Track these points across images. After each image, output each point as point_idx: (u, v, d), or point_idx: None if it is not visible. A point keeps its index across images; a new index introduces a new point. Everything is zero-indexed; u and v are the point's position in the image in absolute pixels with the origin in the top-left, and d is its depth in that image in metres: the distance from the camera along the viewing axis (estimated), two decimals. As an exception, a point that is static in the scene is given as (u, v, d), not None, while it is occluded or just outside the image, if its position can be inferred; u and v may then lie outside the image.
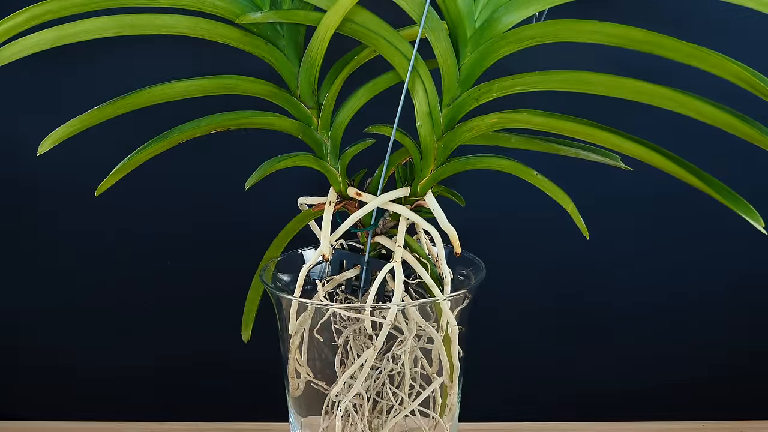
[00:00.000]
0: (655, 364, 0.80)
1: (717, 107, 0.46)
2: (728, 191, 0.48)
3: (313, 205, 0.59)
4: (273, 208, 0.74)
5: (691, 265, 0.77)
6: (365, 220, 0.58)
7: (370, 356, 0.54)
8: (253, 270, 0.63)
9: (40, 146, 0.53)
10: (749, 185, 0.55)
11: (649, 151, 0.49)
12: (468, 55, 0.52)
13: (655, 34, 0.46)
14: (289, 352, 0.58)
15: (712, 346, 0.80)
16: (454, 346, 0.57)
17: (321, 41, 0.52)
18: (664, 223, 0.76)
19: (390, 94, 0.55)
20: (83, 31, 0.52)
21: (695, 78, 0.50)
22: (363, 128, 0.57)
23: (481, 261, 0.59)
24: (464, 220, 0.60)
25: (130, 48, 0.71)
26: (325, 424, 0.57)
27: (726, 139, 0.49)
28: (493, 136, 0.55)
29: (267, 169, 0.58)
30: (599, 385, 0.81)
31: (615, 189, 0.75)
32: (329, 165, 0.57)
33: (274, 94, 0.55)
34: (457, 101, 0.53)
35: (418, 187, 0.56)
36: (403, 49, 0.52)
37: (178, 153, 0.58)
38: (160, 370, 0.81)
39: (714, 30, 0.70)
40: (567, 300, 0.79)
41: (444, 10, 0.51)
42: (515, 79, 0.51)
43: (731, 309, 0.78)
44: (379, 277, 0.55)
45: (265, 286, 0.57)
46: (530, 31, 0.50)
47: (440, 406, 0.58)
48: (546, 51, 0.54)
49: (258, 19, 0.52)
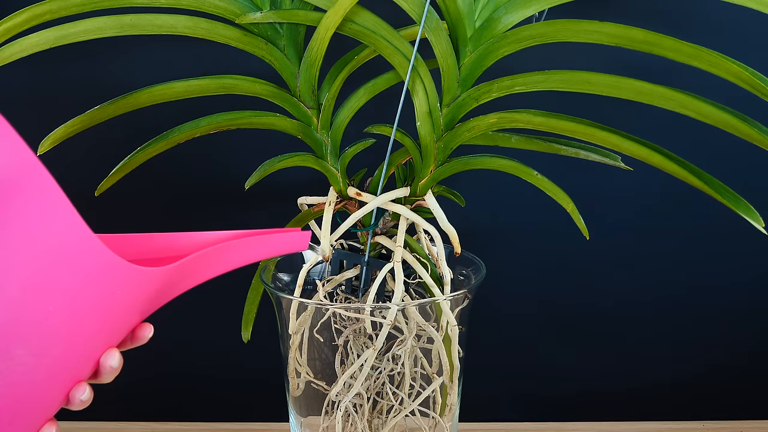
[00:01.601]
0: (655, 364, 0.80)
1: (717, 107, 0.46)
2: (728, 191, 0.48)
3: (313, 205, 0.59)
4: (273, 208, 0.74)
5: (691, 265, 0.77)
6: (365, 220, 0.58)
7: (370, 356, 0.54)
8: (252, 270, 0.63)
9: (39, 146, 0.53)
10: (749, 185, 0.55)
11: (649, 150, 0.49)
12: (468, 55, 0.52)
13: (656, 34, 0.46)
14: (289, 352, 0.58)
15: (712, 346, 0.80)
16: (454, 346, 0.57)
17: (321, 41, 0.52)
18: (664, 223, 0.76)
19: (390, 94, 0.55)
20: (83, 31, 0.52)
21: (696, 78, 0.50)
22: (363, 128, 0.57)
23: (481, 261, 0.59)
24: (464, 220, 0.60)
25: (130, 48, 0.71)
26: (325, 424, 0.57)
27: (726, 139, 0.49)
28: (493, 136, 0.55)
29: (267, 168, 0.58)
30: (599, 385, 0.81)
31: (615, 189, 0.75)
32: (329, 165, 0.57)
33: (274, 94, 0.56)
34: (457, 101, 0.53)
35: (418, 187, 0.56)
36: (403, 49, 0.52)
37: (178, 153, 0.58)
38: (160, 370, 0.81)
39: (714, 30, 0.70)
40: (567, 300, 0.79)
41: (444, 10, 0.51)
42: (515, 79, 0.51)
43: (731, 309, 0.78)
44: (379, 277, 0.55)
45: (265, 285, 0.57)
46: (530, 31, 0.50)
47: (440, 406, 0.58)
48: (546, 51, 0.54)
49: (258, 19, 0.52)
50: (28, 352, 0.37)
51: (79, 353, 0.39)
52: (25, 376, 0.37)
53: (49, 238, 0.35)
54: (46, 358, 0.37)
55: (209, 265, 0.44)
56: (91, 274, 0.37)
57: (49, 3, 0.51)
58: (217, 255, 0.44)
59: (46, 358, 0.37)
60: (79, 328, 0.38)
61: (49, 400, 0.40)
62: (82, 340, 0.39)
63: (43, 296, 0.36)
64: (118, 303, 0.39)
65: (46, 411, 0.40)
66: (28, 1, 0.51)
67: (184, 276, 0.43)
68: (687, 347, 0.80)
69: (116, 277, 0.38)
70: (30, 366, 0.37)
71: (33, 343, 0.37)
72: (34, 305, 0.36)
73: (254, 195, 0.61)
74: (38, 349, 0.37)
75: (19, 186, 0.34)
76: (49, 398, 0.40)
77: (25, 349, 0.36)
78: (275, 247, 0.47)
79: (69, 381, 0.40)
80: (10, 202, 0.34)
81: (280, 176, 0.61)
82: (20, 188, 0.34)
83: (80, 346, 0.39)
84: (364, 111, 0.56)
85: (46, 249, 0.35)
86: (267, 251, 0.47)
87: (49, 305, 0.36)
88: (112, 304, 0.39)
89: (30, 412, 0.39)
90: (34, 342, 0.37)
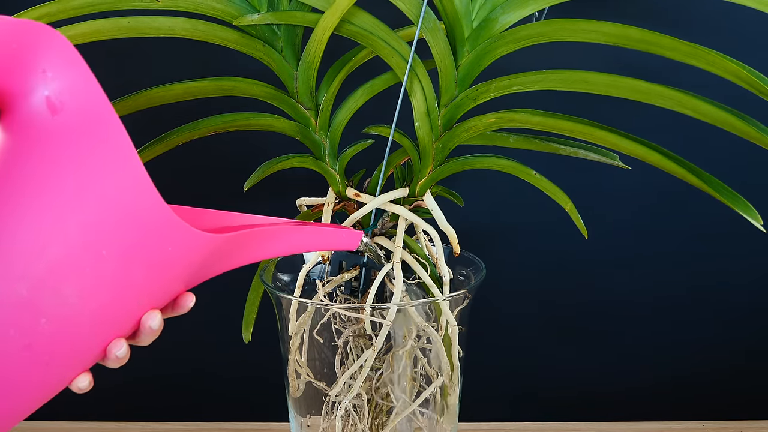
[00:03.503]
0: (655, 364, 0.80)
1: (714, 105, 0.46)
2: (727, 189, 0.48)
3: (312, 206, 0.59)
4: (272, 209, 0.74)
5: (691, 265, 0.77)
6: (364, 220, 0.58)
7: (370, 357, 0.54)
8: (253, 271, 0.63)
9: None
10: (748, 184, 0.55)
11: (647, 149, 0.49)
12: (465, 55, 0.52)
13: (653, 33, 0.46)
14: (289, 353, 0.58)
15: (712, 346, 0.80)
16: (454, 346, 0.57)
17: (318, 42, 0.52)
18: (663, 222, 0.76)
19: (388, 95, 0.55)
20: (80, 34, 0.52)
21: (694, 77, 0.50)
22: (361, 129, 0.57)
23: (481, 261, 0.59)
24: (463, 221, 0.60)
25: (128, 50, 0.71)
26: (325, 424, 0.57)
27: (724, 138, 0.49)
28: (491, 135, 0.55)
29: (265, 170, 0.58)
30: (599, 385, 0.81)
31: (614, 188, 0.75)
32: (328, 166, 0.57)
33: (272, 96, 0.56)
34: (455, 101, 0.53)
35: (416, 187, 0.56)
36: (401, 50, 0.52)
37: (177, 155, 0.58)
38: (161, 370, 0.81)
39: (712, 29, 0.70)
40: (567, 300, 0.79)
41: (441, 11, 0.51)
42: (513, 79, 0.51)
43: (731, 309, 0.78)
44: (378, 277, 0.55)
45: (265, 286, 0.57)
46: (527, 31, 0.50)
47: (440, 406, 0.58)
48: (544, 50, 0.54)
49: (255, 20, 0.52)
50: (76, 293, 0.38)
51: (124, 305, 0.40)
52: (69, 318, 0.38)
53: (115, 185, 0.37)
54: (92, 303, 0.38)
55: (262, 243, 0.45)
56: (149, 228, 0.38)
57: (46, 6, 0.51)
58: (272, 235, 0.45)
59: (93, 303, 0.38)
60: (128, 279, 0.39)
61: (88, 348, 0.40)
62: (129, 293, 0.40)
63: (99, 239, 0.37)
64: (169, 262, 0.40)
65: (83, 359, 0.41)
66: (27, 4, 0.51)
67: (235, 249, 0.44)
68: (687, 347, 0.80)
69: (172, 235, 0.39)
70: (76, 308, 0.38)
71: (83, 285, 0.38)
72: (90, 246, 0.37)
73: (253, 196, 0.61)
74: (87, 292, 0.38)
75: (98, 130, 0.36)
76: (89, 346, 0.40)
77: (74, 289, 0.37)
78: (328, 241, 0.49)
79: (110, 333, 0.41)
80: (88, 143, 0.36)
81: (279, 177, 0.61)
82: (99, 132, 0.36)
83: (126, 298, 0.40)
84: (363, 112, 0.56)
85: (111, 194, 0.37)
86: (320, 243, 0.49)
87: (103, 249, 0.37)
88: (164, 261, 0.40)
89: (68, 356, 0.40)
90: (84, 284, 0.38)
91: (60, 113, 0.35)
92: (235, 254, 0.44)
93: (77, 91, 0.35)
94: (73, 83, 0.35)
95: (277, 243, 0.46)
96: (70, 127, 0.36)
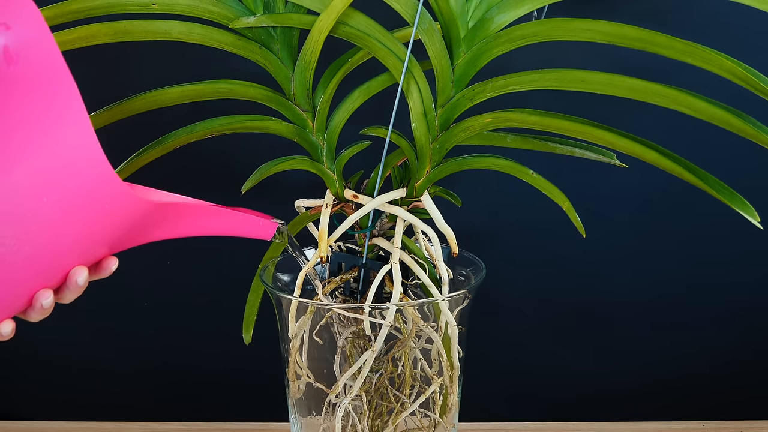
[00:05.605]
0: (654, 364, 0.80)
1: (711, 103, 0.46)
2: (724, 187, 0.48)
3: (310, 208, 0.59)
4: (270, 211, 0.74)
5: (690, 264, 0.77)
6: (362, 222, 0.58)
7: (370, 357, 0.54)
8: (252, 273, 0.63)
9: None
10: (745, 182, 0.55)
11: (643, 147, 0.49)
12: (461, 55, 0.52)
13: (649, 32, 0.46)
14: (289, 354, 0.58)
15: (712, 345, 0.79)
16: (453, 346, 0.57)
17: (315, 44, 0.52)
18: (661, 221, 0.76)
19: (385, 96, 0.55)
20: (77, 38, 0.52)
21: (690, 75, 0.50)
22: (358, 130, 0.57)
23: (481, 261, 0.59)
24: (462, 221, 0.60)
25: (124, 54, 0.71)
26: (326, 425, 0.57)
27: (721, 136, 0.49)
28: (488, 135, 0.55)
29: (263, 172, 0.58)
30: (599, 385, 0.81)
31: (611, 187, 0.75)
32: (325, 167, 0.57)
33: (268, 98, 0.56)
34: (451, 101, 0.54)
35: (414, 188, 0.56)
36: (397, 51, 0.52)
37: (174, 158, 0.58)
38: (161, 370, 0.81)
39: (708, 27, 0.70)
40: (566, 299, 0.79)
41: (437, 11, 0.51)
42: (509, 79, 0.51)
43: (731, 309, 0.78)
44: (376, 278, 0.55)
45: (265, 286, 0.57)
46: (523, 31, 0.50)
47: (440, 406, 0.58)
48: (540, 50, 0.54)
49: (251, 23, 0.53)
50: (13, 235, 0.40)
51: (56, 255, 0.42)
52: (3, 259, 0.40)
53: (63, 138, 0.40)
54: (27, 247, 0.41)
55: (183, 219, 0.48)
56: (91, 182, 0.41)
57: (44, 11, 0.51)
58: (194, 212, 0.48)
59: (28, 246, 0.41)
60: (64, 228, 0.41)
61: (18, 293, 0.43)
62: (62, 243, 0.42)
63: (43, 187, 0.40)
64: (103, 218, 0.42)
65: (9, 304, 0.43)
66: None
67: (159, 220, 0.46)
68: (687, 347, 0.80)
69: (110, 192, 0.42)
70: (12, 250, 0.40)
71: (21, 228, 0.40)
72: (33, 192, 0.40)
73: (251, 198, 0.61)
74: (24, 236, 0.40)
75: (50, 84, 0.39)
76: (18, 291, 0.43)
77: (13, 231, 0.40)
78: (244, 227, 0.52)
79: (39, 281, 0.43)
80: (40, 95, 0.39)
81: (278, 179, 0.61)
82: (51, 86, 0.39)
83: (59, 247, 0.42)
84: (360, 113, 0.56)
85: (58, 145, 0.40)
86: (236, 228, 0.52)
87: (44, 196, 0.40)
88: (99, 217, 0.42)
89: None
90: (23, 227, 0.40)
91: (16, 65, 0.38)
92: (158, 225, 0.47)
93: (34, 45, 0.38)
94: (30, 38, 0.38)
95: (197, 221, 0.49)
96: (25, 78, 0.39)
